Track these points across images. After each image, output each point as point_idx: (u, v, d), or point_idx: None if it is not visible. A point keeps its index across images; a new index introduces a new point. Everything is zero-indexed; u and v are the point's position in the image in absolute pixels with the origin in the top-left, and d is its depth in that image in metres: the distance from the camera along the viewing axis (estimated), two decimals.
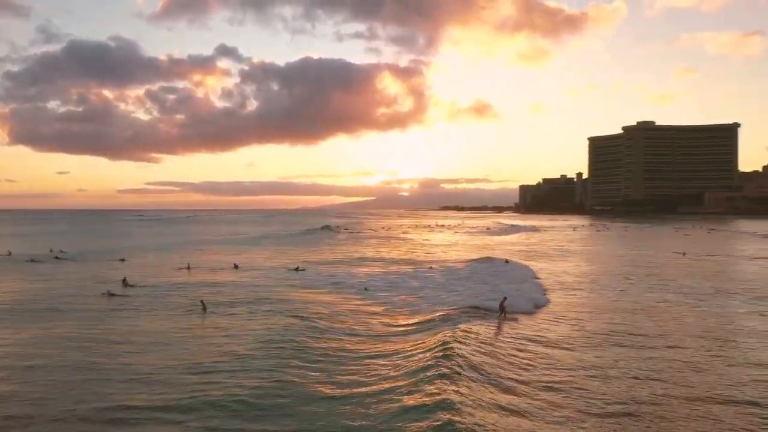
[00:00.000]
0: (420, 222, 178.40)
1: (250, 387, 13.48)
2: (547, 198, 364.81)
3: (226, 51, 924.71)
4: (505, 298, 23.26)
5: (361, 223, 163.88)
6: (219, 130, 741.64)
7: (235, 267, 42.17)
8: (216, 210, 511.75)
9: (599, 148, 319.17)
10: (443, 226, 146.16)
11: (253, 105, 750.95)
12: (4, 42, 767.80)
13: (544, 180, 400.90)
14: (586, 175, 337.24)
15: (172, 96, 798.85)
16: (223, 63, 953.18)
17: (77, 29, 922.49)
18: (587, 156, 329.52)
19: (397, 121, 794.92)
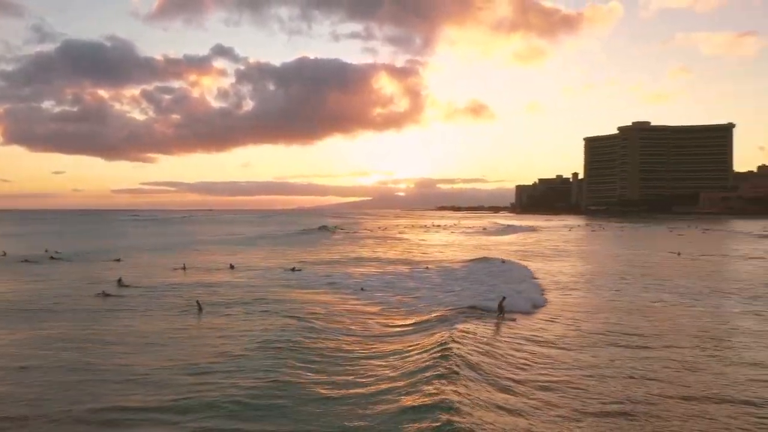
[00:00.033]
0: (416, 222, 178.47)
1: (246, 387, 13.44)
2: (543, 198, 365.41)
3: (222, 51, 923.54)
4: (503, 298, 23.28)
5: (358, 224, 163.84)
6: (215, 130, 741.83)
7: (231, 267, 42.10)
8: (212, 210, 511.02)
9: (595, 148, 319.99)
10: (439, 226, 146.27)
11: (249, 105, 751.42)
12: None
13: (540, 180, 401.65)
14: (581, 175, 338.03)
15: (167, 96, 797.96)
16: (219, 63, 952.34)
17: (72, 29, 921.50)
18: (583, 156, 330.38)
19: (394, 121, 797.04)
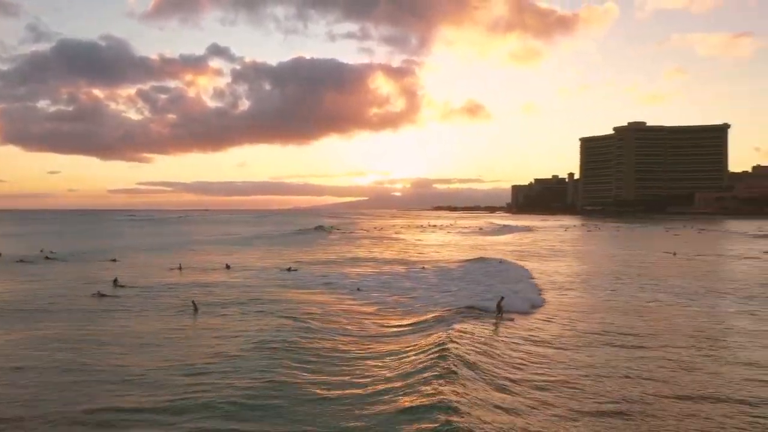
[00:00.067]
0: (412, 222, 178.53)
1: (242, 388, 13.41)
2: (539, 198, 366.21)
3: (218, 51, 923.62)
4: (502, 298, 23.34)
5: (354, 224, 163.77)
6: (211, 130, 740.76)
7: (227, 267, 42.02)
8: (208, 210, 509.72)
9: (591, 148, 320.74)
10: (436, 226, 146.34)
11: (245, 105, 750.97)
12: None
13: (536, 180, 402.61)
14: (577, 176, 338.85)
15: (163, 96, 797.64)
16: (215, 63, 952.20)
17: (67, 28, 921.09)
18: (579, 156, 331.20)
19: (390, 121, 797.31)
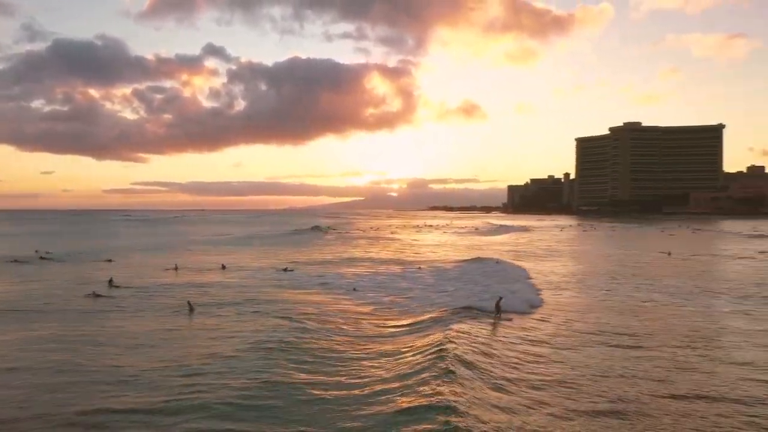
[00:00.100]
0: (409, 222, 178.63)
1: (238, 389, 13.39)
2: (534, 198, 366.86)
3: (213, 51, 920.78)
4: (500, 298, 23.39)
5: (350, 224, 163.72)
6: (206, 130, 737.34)
7: (223, 267, 41.94)
8: (204, 210, 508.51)
9: (586, 148, 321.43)
10: (432, 226, 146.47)
11: (240, 105, 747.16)
12: None
13: (532, 180, 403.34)
14: (573, 176, 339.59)
15: (159, 95, 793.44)
16: (211, 63, 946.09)
17: (62, 28, 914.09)
18: (574, 156, 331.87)
19: (386, 121, 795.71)
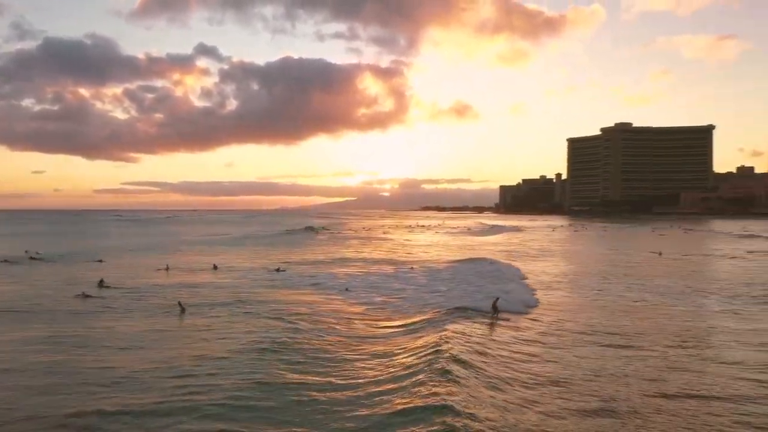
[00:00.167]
0: (401, 222, 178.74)
1: (230, 389, 13.31)
2: (526, 198, 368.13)
3: (205, 50, 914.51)
4: (497, 299, 23.43)
5: (342, 224, 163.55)
6: (198, 130, 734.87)
7: (215, 268, 41.75)
8: (195, 210, 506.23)
9: (578, 149, 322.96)
10: (424, 226, 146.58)
11: (232, 105, 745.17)
12: None
13: (524, 180, 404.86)
14: (565, 176, 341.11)
15: (150, 95, 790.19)
16: (203, 62, 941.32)
17: (52, 26, 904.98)
18: (566, 157, 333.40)
19: (378, 121, 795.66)
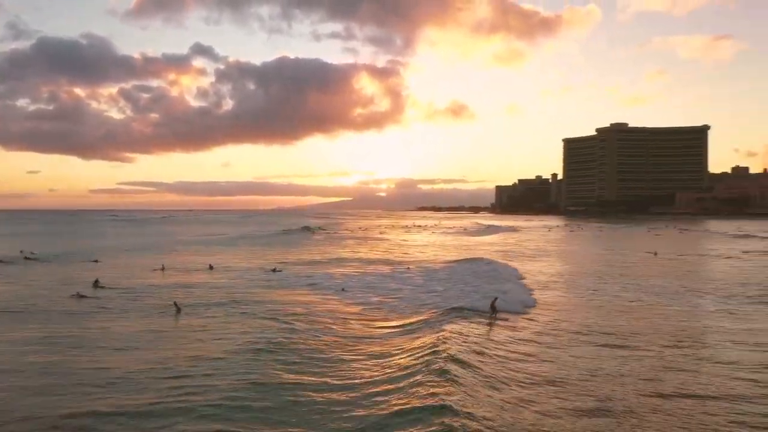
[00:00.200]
0: (397, 222, 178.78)
1: (226, 390, 13.26)
2: (522, 198, 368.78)
3: (201, 50, 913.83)
4: (496, 299, 23.43)
5: (339, 224, 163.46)
6: (194, 130, 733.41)
7: (211, 268, 41.65)
8: (191, 210, 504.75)
9: (573, 149, 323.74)
10: (420, 226, 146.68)
11: (228, 104, 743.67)
12: None
13: (520, 181, 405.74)
14: (560, 176, 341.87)
15: (146, 95, 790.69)
16: (199, 62, 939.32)
17: (47, 26, 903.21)
18: (562, 157, 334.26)
19: (374, 121, 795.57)
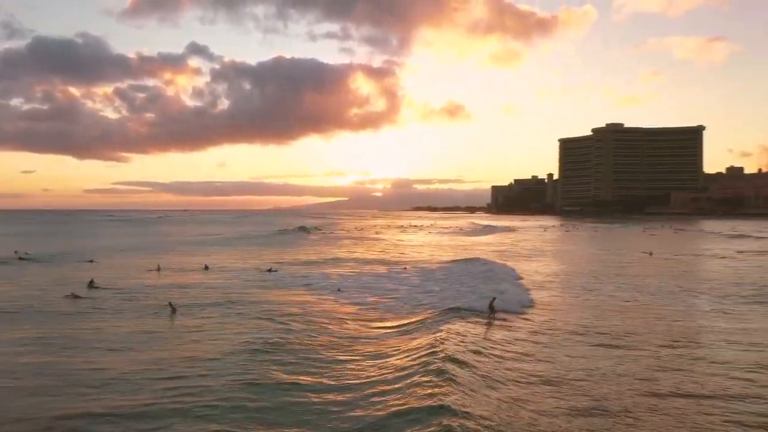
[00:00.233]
0: (393, 222, 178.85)
1: (221, 391, 13.22)
2: (518, 198, 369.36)
3: (197, 49, 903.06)
4: (494, 299, 23.43)
5: (334, 224, 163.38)
6: (190, 130, 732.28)
7: (206, 268, 41.55)
8: (187, 210, 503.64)
9: (569, 149, 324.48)
10: (416, 226, 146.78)
11: (224, 104, 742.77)
12: None
13: (516, 181, 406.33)
14: (556, 176, 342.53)
15: (141, 94, 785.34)
16: (194, 62, 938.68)
17: (42, 25, 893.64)
18: (558, 157, 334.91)
19: (370, 121, 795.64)
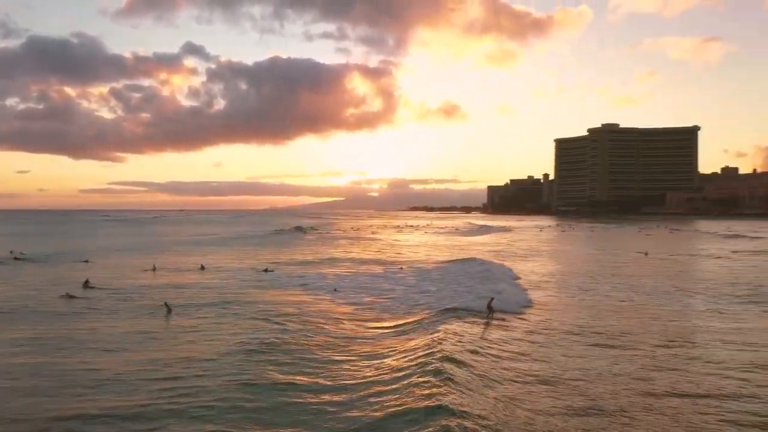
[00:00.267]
0: (389, 222, 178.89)
1: (217, 391, 13.20)
2: (514, 198, 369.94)
3: (193, 49, 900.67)
4: (492, 299, 23.45)
5: (331, 224, 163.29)
6: (185, 130, 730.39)
7: (202, 268, 41.48)
8: (183, 210, 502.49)
9: (565, 149, 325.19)
10: (413, 226, 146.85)
11: (220, 104, 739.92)
12: None
13: (512, 181, 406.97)
14: (552, 176, 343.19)
15: (137, 94, 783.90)
16: (190, 61, 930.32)
17: (37, 25, 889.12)
18: (553, 157, 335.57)
19: (366, 121, 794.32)
